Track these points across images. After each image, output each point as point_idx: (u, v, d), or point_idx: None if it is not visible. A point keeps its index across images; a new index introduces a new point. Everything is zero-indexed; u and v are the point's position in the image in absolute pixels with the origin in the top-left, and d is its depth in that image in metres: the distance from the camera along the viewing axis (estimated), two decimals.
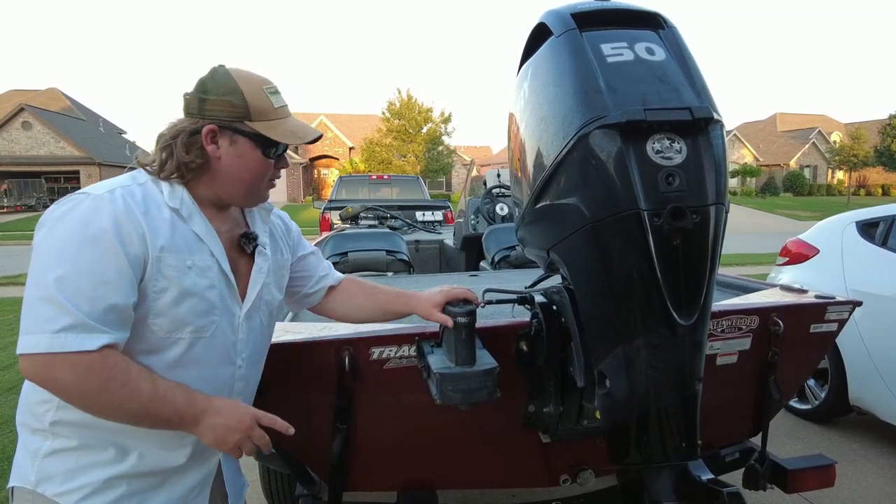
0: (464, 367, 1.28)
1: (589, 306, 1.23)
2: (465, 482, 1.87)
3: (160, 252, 1.02)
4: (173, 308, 1.04)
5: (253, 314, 1.20)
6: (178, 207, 1.08)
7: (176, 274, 1.04)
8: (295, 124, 1.15)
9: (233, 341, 1.15)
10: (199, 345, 1.09)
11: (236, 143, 1.10)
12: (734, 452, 2.06)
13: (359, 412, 1.57)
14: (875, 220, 3.44)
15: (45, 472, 1.05)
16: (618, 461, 1.28)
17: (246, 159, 1.11)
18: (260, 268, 1.21)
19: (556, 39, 1.22)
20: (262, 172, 1.14)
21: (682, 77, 1.14)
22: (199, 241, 1.10)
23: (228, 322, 1.14)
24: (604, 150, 1.08)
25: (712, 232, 1.09)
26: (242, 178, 1.12)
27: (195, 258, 1.08)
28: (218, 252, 1.12)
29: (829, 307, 1.90)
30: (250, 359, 1.21)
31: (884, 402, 3.13)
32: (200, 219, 1.12)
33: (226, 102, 1.08)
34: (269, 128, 1.10)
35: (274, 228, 1.33)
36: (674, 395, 1.17)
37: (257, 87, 1.10)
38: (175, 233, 1.06)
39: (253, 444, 1.07)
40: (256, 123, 1.09)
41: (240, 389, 1.19)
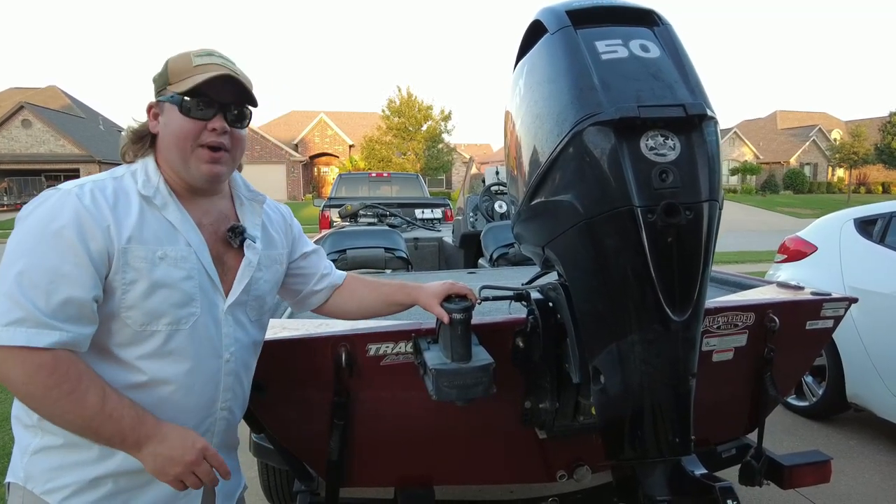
0: (460, 363, 1.29)
1: (583, 302, 1.23)
2: (461, 478, 1.88)
3: (127, 244, 1.01)
4: (145, 300, 1.02)
5: (239, 308, 1.18)
6: (151, 196, 1.07)
7: (145, 265, 1.02)
8: (208, 74, 1.07)
9: (217, 334, 1.13)
10: (178, 337, 1.06)
11: (163, 111, 1.10)
12: (731, 449, 2.06)
13: (356, 408, 1.58)
14: (873, 218, 3.44)
15: (33, 468, 1.05)
16: (613, 457, 1.29)
17: (171, 124, 1.09)
18: (249, 261, 1.19)
19: (551, 37, 1.23)
20: (187, 133, 1.08)
21: (677, 74, 1.15)
22: (173, 230, 1.08)
23: (210, 314, 1.11)
24: (598, 147, 1.08)
25: (706, 228, 1.09)
26: (171, 144, 1.09)
27: (166, 249, 1.06)
28: (195, 242, 1.10)
29: (825, 304, 1.91)
30: (239, 353, 1.18)
31: (881, 399, 3.14)
32: (175, 207, 1.10)
33: (158, 77, 1.11)
34: (181, 85, 1.07)
35: (269, 221, 1.30)
36: (667, 390, 1.17)
37: (183, 55, 1.11)
38: (145, 223, 1.05)
39: (198, 478, 1.02)
40: (173, 85, 1.08)
41: (229, 384, 1.16)
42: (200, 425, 1.13)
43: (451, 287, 1.36)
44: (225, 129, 1.10)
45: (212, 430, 1.16)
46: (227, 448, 1.23)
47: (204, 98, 1.07)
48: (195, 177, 1.11)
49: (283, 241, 1.33)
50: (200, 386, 1.11)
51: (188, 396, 1.09)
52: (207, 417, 1.14)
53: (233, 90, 1.10)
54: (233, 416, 1.21)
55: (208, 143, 1.09)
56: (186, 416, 1.09)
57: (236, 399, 1.21)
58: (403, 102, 29.50)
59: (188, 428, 1.05)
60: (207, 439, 1.12)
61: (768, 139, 42.10)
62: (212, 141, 1.09)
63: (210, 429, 1.15)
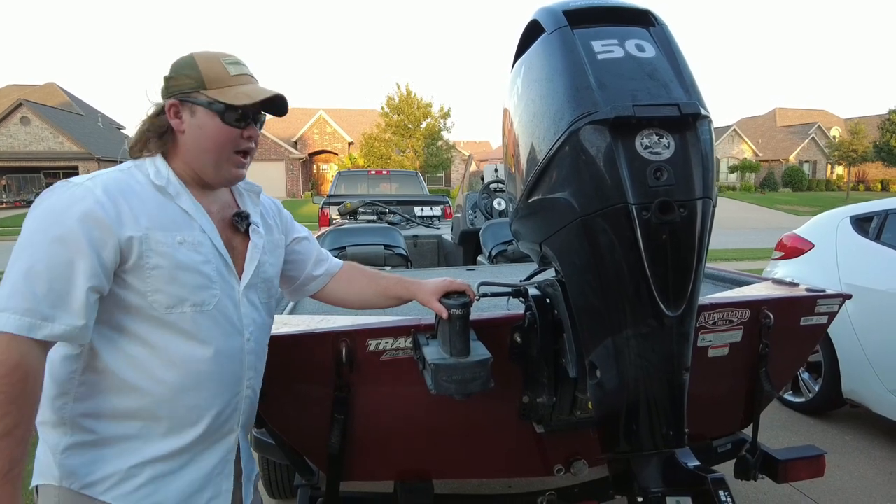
0: (458, 358, 1.31)
1: (580, 298, 1.25)
2: (460, 472, 1.90)
3: (146, 231, 1.05)
4: (169, 284, 1.06)
5: (252, 290, 1.22)
6: (165, 185, 1.12)
7: (168, 250, 1.07)
8: (250, 87, 1.15)
9: (237, 315, 1.17)
10: (202, 318, 1.11)
11: (195, 114, 1.13)
12: (726, 444, 2.09)
13: (356, 403, 1.60)
14: (869, 215, 3.47)
15: (69, 466, 1.05)
16: (609, 450, 1.31)
17: (205, 128, 1.13)
18: (256, 244, 1.24)
19: (549, 36, 1.25)
20: (224, 140, 1.14)
21: (672, 73, 1.17)
22: (187, 217, 1.13)
23: (229, 296, 1.16)
24: (593, 146, 1.10)
25: (699, 225, 1.11)
26: (206, 148, 1.14)
27: (184, 234, 1.10)
28: (209, 228, 1.15)
29: (819, 300, 1.93)
30: (256, 334, 1.22)
31: (876, 395, 3.17)
32: (188, 196, 1.15)
33: (183, 76, 1.13)
34: (222, 94, 1.12)
35: (265, 211, 1.35)
36: (662, 384, 1.20)
37: (213, 59, 1.14)
38: (161, 211, 1.09)
39: None
40: (211, 91, 1.12)
41: (252, 362, 1.21)
42: (230, 403, 1.17)
43: (450, 284, 1.39)
44: (258, 134, 1.19)
45: (239, 408, 1.20)
46: (246, 429, 1.27)
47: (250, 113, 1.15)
48: (223, 178, 1.18)
49: (279, 229, 1.38)
50: (228, 364, 1.15)
51: (219, 375, 1.14)
52: (236, 395, 1.18)
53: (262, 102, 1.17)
54: (255, 396, 1.25)
55: (243, 149, 1.17)
56: (219, 392, 1.14)
57: (258, 377, 1.25)
58: (403, 100, 29.47)
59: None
60: (235, 418, 1.19)
61: (767, 137, 42.11)
62: (246, 147, 1.17)
63: (237, 407, 1.19)
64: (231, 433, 1.20)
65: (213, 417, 1.14)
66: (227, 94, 1.12)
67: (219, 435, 1.17)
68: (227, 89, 1.12)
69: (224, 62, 1.15)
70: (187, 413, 1.11)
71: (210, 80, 1.12)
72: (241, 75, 1.15)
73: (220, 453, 1.18)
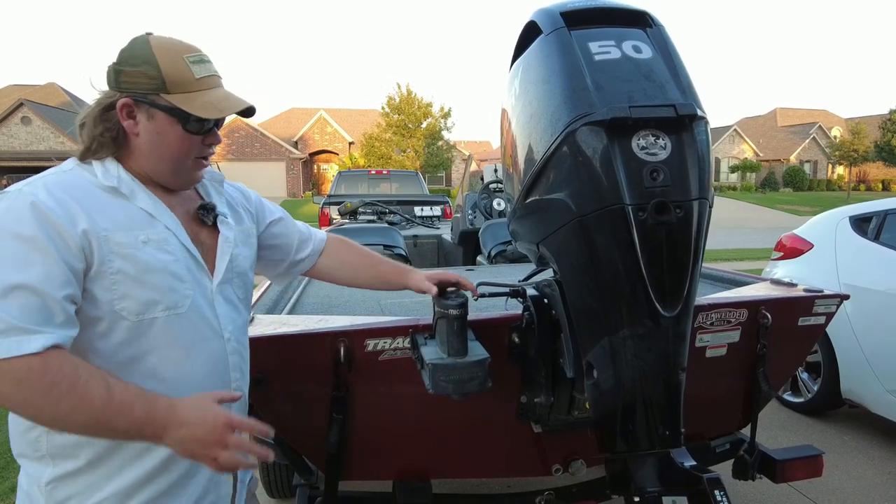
0: (456, 358, 1.31)
1: (577, 298, 1.26)
2: (458, 472, 1.91)
3: (105, 233, 0.96)
4: (138, 288, 0.98)
5: (227, 287, 1.14)
6: (116, 186, 1.02)
7: (131, 251, 0.98)
8: (218, 95, 1.05)
9: (213, 315, 1.09)
10: (177, 322, 1.02)
11: (154, 118, 1.02)
12: (724, 443, 2.09)
13: (354, 403, 1.61)
14: (868, 215, 3.47)
15: (58, 498, 0.99)
16: (606, 450, 1.32)
17: (165, 135, 1.03)
18: (227, 238, 1.15)
19: (546, 38, 1.25)
20: (186, 149, 1.05)
21: (668, 74, 1.17)
22: (148, 216, 1.03)
23: (202, 296, 1.07)
24: (590, 147, 1.11)
25: (695, 226, 1.12)
26: (164, 156, 1.04)
27: (148, 232, 1.01)
28: (173, 225, 1.06)
29: (817, 300, 1.93)
30: (236, 332, 1.15)
31: (875, 396, 3.17)
32: (145, 194, 1.05)
33: (140, 73, 1.00)
34: (187, 100, 1.01)
35: (231, 199, 1.26)
36: (658, 384, 1.20)
37: (176, 57, 1.02)
38: (118, 211, 1.00)
39: (233, 453, 0.93)
40: (173, 96, 1.01)
41: (236, 363, 1.14)
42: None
43: (444, 275, 1.38)
44: (219, 140, 1.11)
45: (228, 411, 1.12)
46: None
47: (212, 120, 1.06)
48: (182, 184, 1.11)
49: (249, 216, 1.29)
50: (210, 368, 1.08)
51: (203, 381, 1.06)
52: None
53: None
54: (243, 397, 1.17)
55: (204, 155, 1.10)
56: None
57: (243, 378, 1.18)
58: (403, 100, 29.47)
59: (203, 397, 0.97)
60: None
61: (768, 136, 42.09)
62: (207, 153, 1.10)
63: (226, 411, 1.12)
64: None
65: None
66: (192, 103, 1.01)
67: None
68: (193, 95, 1.01)
69: (188, 60, 1.02)
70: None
71: (172, 83, 1.00)
72: (206, 77, 1.04)
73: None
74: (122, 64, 1.02)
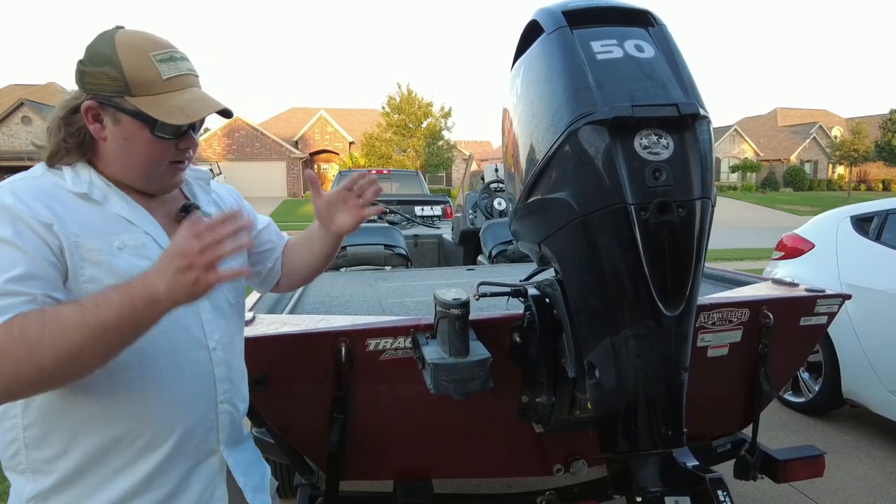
0: (457, 357, 1.31)
1: (579, 298, 1.25)
2: (459, 472, 1.91)
3: (76, 238, 0.90)
4: None
5: (215, 293, 1.00)
6: (87, 192, 0.95)
7: (105, 258, 0.92)
8: (188, 98, 0.96)
9: (196, 323, 1.02)
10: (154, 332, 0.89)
11: (120, 123, 0.94)
12: (726, 444, 2.09)
13: (356, 403, 1.60)
14: (869, 215, 3.46)
15: None
16: (608, 450, 1.31)
17: (133, 140, 0.95)
18: None
19: (548, 37, 1.25)
20: (157, 155, 0.97)
21: (670, 74, 1.17)
22: (123, 220, 0.97)
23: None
24: (592, 146, 1.11)
25: (698, 225, 1.12)
26: (133, 162, 0.97)
27: (124, 238, 0.95)
28: (152, 228, 0.99)
29: (819, 300, 1.93)
30: (224, 341, 1.07)
31: (876, 395, 3.17)
32: (119, 198, 0.98)
33: (103, 74, 0.93)
34: (152, 103, 0.93)
35: (220, 200, 1.19)
36: (660, 384, 1.20)
37: (141, 55, 0.93)
38: (91, 216, 0.94)
39: (215, 271, 0.81)
40: (138, 99, 0.93)
41: (223, 374, 1.06)
42: (203, 422, 1.04)
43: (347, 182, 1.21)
44: (196, 143, 1.02)
45: (215, 426, 1.06)
46: (236, 444, 1.13)
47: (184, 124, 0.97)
48: (157, 189, 1.03)
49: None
50: (192, 380, 1.01)
51: (182, 393, 1.00)
52: (210, 413, 1.05)
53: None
54: (235, 409, 1.11)
55: (177, 160, 1.01)
56: (186, 413, 1.01)
57: (234, 389, 1.11)
58: (403, 99, 29.48)
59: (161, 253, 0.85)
60: (213, 436, 1.05)
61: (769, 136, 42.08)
62: (182, 157, 1.02)
63: (213, 425, 1.06)
64: (212, 454, 1.06)
65: (183, 438, 1.00)
66: (158, 107, 0.93)
67: (197, 458, 1.04)
68: (159, 98, 0.93)
69: (154, 58, 0.93)
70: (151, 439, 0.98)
71: (136, 86, 0.92)
72: (175, 77, 0.95)
73: (206, 477, 1.05)
74: (86, 63, 0.95)
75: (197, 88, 1.00)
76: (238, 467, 1.12)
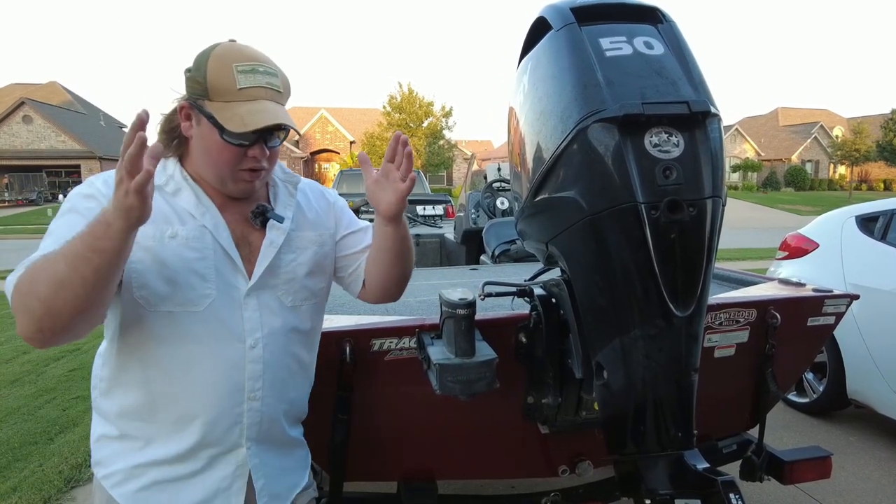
0: (463, 358, 1.29)
1: (587, 298, 1.24)
2: (464, 472, 1.89)
3: None
4: (155, 279, 1.02)
5: (267, 292, 1.12)
6: (163, 184, 1.07)
7: (153, 244, 1.02)
8: (254, 109, 1.02)
9: (236, 318, 1.08)
10: (191, 318, 1.04)
11: (200, 123, 1.05)
12: (732, 444, 2.08)
13: (359, 403, 1.59)
14: (874, 215, 3.45)
15: (95, 454, 1.14)
16: (615, 451, 1.30)
17: (206, 141, 1.05)
18: (271, 241, 1.13)
19: (556, 34, 1.23)
20: (227, 157, 1.05)
21: (680, 71, 1.15)
22: (185, 212, 1.07)
23: (228, 297, 1.07)
24: (602, 144, 1.09)
25: (709, 224, 1.10)
26: (206, 162, 1.07)
27: (177, 229, 1.05)
28: (212, 224, 1.08)
29: (827, 300, 1.92)
30: (269, 341, 1.11)
31: (881, 396, 3.15)
32: (190, 193, 1.08)
33: (193, 79, 1.04)
34: (223, 109, 1.02)
35: (306, 202, 1.24)
36: (670, 385, 1.18)
37: (225, 65, 1.02)
38: (157, 207, 0.98)
39: (133, 175, 0.81)
40: (214, 104, 1.02)
41: (256, 372, 1.10)
42: (227, 415, 1.08)
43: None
44: (265, 154, 1.08)
45: (240, 421, 1.10)
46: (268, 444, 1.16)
47: (253, 133, 1.03)
48: (230, 191, 1.11)
49: (325, 222, 1.26)
50: (220, 371, 1.06)
51: (207, 382, 1.06)
52: (234, 407, 1.09)
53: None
54: (268, 409, 1.13)
55: (248, 168, 1.07)
56: (209, 399, 1.06)
57: (274, 391, 1.13)
58: (404, 98, 29.49)
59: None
60: (237, 432, 1.10)
61: (770, 136, 42.05)
62: (251, 166, 1.07)
63: (238, 420, 1.10)
64: (237, 448, 1.11)
65: (208, 426, 1.07)
66: (225, 113, 1.01)
67: (221, 447, 1.10)
68: (229, 106, 1.01)
69: (236, 69, 1.02)
70: (179, 418, 1.07)
71: (214, 91, 1.02)
72: (249, 88, 1.02)
73: (228, 468, 1.11)
74: (189, 68, 1.06)
75: (269, 102, 1.04)
76: (262, 468, 1.15)
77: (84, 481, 2.97)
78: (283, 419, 1.18)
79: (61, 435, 3.47)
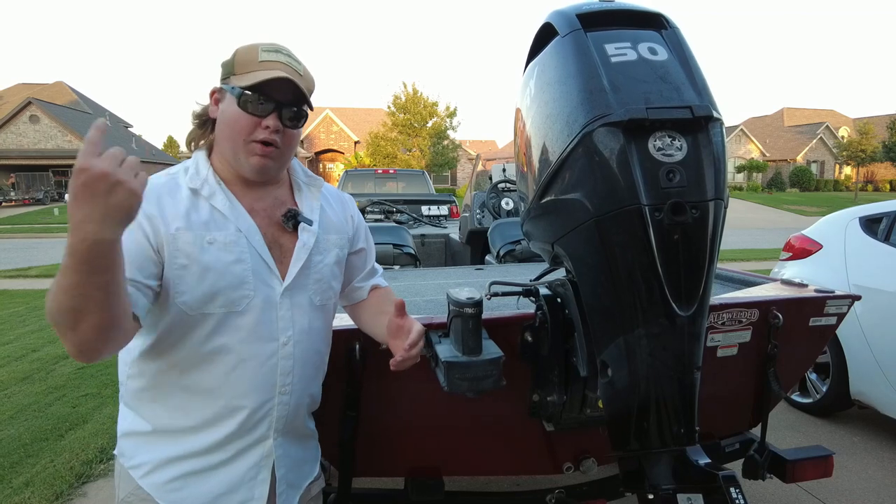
0: (471, 356, 1.32)
1: (592, 298, 1.27)
2: (470, 469, 1.92)
3: (175, 231, 1.05)
4: (197, 284, 1.06)
5: (300, 292, 1.18)
6: (199, 188, 1.11)
7: (194, 250, 1.06)
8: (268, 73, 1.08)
9: (272, 318, 1.14)
10: (231, 319, 1.09)
11: (223, 99, 1.12)
12: (734, 443, 2.10)
13: (368, 400, 1.62)
14: (878, 216, 3.46)
15: (122, 444, 1.17)
16: (619, 448, 1.33)
17: (226, 112, 1.11)
18: (304, 243, 1.19)
19: (562, 39, 1.26)
20: (241, 126, 1.09)
21: (684, 76, 1.18)
22: (222, 217, 1.11)
23: (265, 298, 1.13)
24: (607, 148, 1.12)
25: (711, 226, 1.13)
26: (225, 135, 1.12)
27: (215, 234, 1.08)
28: (246, 227, 1.12)
29: (829, 301, 1.94)
30: (299, 338, 1.18)
31: (885, 396, 3.16)
32: (224, 196, 1.12)
33: (225, 65, 1.13)
34: (242, 78, 1.09)
35: (328, 205, 1.30)
36: (673, 383, 1.21)
37: (252, 47, 1.11)
38: (192, 213, 1.08)
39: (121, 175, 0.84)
40: (237, 77, 1.10)
41: (288, 368, 1.16)
42: (260, 408, 1.14)
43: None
44: (278, 127, 1.11)
45: (270, 414, 1.16)
46: (292, 436, 1.22)
47: (263, 95, 1.09)
48: (244, 167, 1.13)
49: (344, 227, 1.32)
50: (257, 368, 1.12)
51: (245, 377, 1.11)
52: (267, 401, 1.14)
53: (293, 91, 1.11)
54: (296, 404, 1.20)
55: (260, 140, 1.10)
56: (247, 395, 1.12)
57: (301, 384, 1.20)
58: (409, 99, 29.51)
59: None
60: (266, 425, 1.15)
61: (775, 136, 41.89)
62: (264, 137, 1.10)
63: (268, 413, 1.15)
64: (265, 439, 1.17)
65: (243, 421, 1.12)
66: (246, 79, 1.08)
67: (250, 439, 1.15)
68: (248, 74, 1.09)
69: (260, 49, 1.11)
70: (216, 414, 1.11)
71: (239, 65, 1.10)
72: (269, 61, 1.09)
73: (254, 458, 1.16)
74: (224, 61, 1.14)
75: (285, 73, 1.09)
76: (284, 459, 1.21)
77: (95, 477, 3.01)
78: (305, 412, 1.25)
79: (71, 431, 3.52)
